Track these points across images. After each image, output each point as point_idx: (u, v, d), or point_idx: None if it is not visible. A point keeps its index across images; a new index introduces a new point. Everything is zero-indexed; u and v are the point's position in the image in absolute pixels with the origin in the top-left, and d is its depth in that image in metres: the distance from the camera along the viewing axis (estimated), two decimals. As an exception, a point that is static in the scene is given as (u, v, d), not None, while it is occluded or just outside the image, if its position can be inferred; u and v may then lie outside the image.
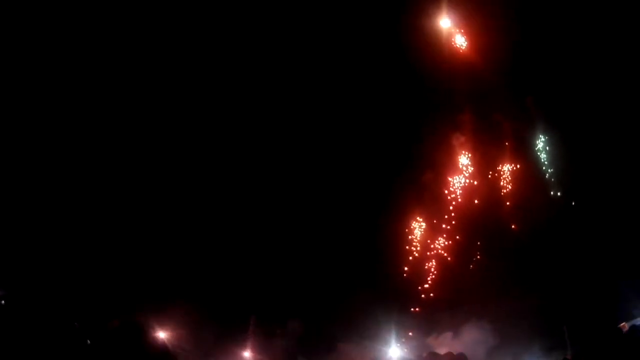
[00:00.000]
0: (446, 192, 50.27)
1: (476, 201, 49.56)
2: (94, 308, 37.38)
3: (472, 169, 50.17)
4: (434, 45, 48.83)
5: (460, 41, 49.05)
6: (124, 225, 43.58)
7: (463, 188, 49.93)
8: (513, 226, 48.48)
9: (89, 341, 33.90)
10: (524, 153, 49.75)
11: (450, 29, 49.51)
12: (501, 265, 46.31)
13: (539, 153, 49.14)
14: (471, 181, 49.97)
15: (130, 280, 41.67)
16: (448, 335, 45.18)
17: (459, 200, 49.80)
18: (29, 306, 33.48)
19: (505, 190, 49.53)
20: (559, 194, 47.86)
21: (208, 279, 45.09)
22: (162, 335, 39.97)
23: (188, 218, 46.33)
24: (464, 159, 50.42)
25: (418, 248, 50.46)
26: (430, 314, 48.13)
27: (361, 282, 46.07)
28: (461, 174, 50.30)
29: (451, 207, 49.73)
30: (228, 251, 46.74)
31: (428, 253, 50.28)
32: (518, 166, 49.72)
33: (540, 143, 49.38)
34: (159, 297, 41.20)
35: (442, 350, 42.95)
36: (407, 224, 50.91)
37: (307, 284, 47.35)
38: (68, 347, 31.92)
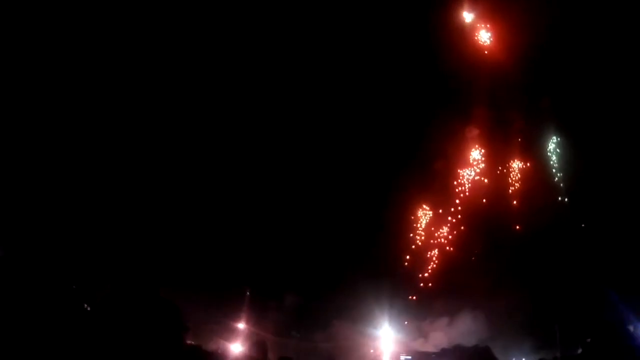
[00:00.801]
0: (455, 183, 50.66)
1: (484, 199, 50.01)
2: (92, 272, 37.59)
3: (482, 164, 50.47)
4: (455, 37, 49.34)
5: (482, 35, 49.26)
6: (123, 194, 43.95)
7: (472, 181, 50.27)
8: (516, 224, 48.96)
9: (87, 306, 34.02)
10: (535, 153, 50.06)
11: (473, 22, 49.78)
12: (500, 259, 46.76)
13: (549, 154, 49.43)
14: (480, 177, 50.30)
15: (128, 247, 42.06)
16: (443, 321, 45.90)
17: (467, 193, 50.16)
18: (25, 267, 33.60)
19: (512, 188, 49.92)
20: (563, 195, 48.27)
21: (204, 250, 45.58)
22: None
23: (187, 190, 46.82)
24: (475, 153, 50.76)
25: (422, 236, 51.02)
26: (426, 301, 48.86)
27: (361, 263, 46.64)
28: (471, 168, 50.64)
29: (458, 200, 50.16)
30: (225, 222, 47.21)
31: (431, 241, 50.86)
32: (528, 165, 50.04)
33: (552, 145, 49.71)
34: (160, 263, 41.93)
35: (435, 336, 43.83)
36: (412, 211, 51.54)
37: (305, 259, 48.01)
38: (64, 311, 31.93)
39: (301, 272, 47.81)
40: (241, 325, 45.30)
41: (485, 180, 50.23)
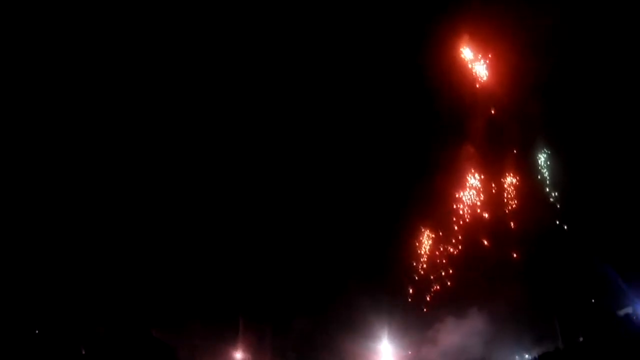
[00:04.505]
0: (454, 207, 51.49)
1: (485, 214, 51.06)
2: (85, 315, 36.61)
3: (479, 185, 51.32)
4: (452, 72, 50.24)
5: (479, 69, 50.62)
6: (110, 228, 42.97)
7: (470, 205, 51.52)
8: (512, 223, 49.80)
9: (83, 351, 33.12)
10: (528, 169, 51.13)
11: (471, 58, 50.87)
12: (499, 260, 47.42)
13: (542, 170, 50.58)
14: (477, 197, 51.45)
15: (120, 284, 41.12)
16: (447, 325, 45.84)
17: (466, 215, 51.26)
18: (23, 312, 32.59)
19: (507, 196, 50.99)
20: (557, 202, 49.16)
21: (197, 278, 44.66)
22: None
23: (176, 217, 45.95)
24: (472, 179, 51.58)
25: (425, 255, 51.98)
26: (430, 311, 49.14)
27: (359, 282, 45.86)
28: (467, 190, 51.56)
29: (454, 219, 51.22)
30: (217, 250, 46.42)
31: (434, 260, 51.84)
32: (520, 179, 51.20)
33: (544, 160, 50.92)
34: (150, 301, 41.21)
35: (442, 339, 43.89)
36: (414, 233, 52.39)
37: (300, 279, 47.58)
38: (61, 355, 31.14)
39: (296, 294, 47.34)
40: (238, 356, 44.65)
41: (481, 198, 51.03)
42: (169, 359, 37.54)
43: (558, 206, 47.37)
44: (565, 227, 46.06)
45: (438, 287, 50.72)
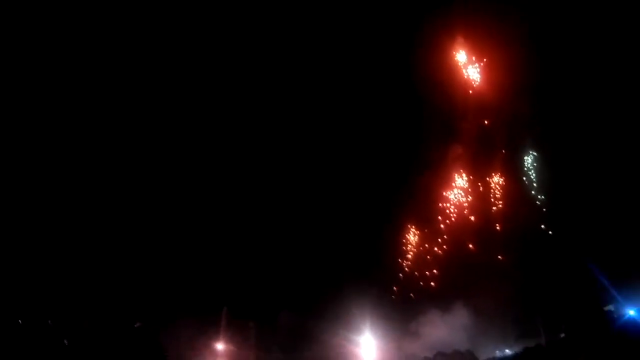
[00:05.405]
0: (441, 205, 52.88)
1: (471, 215, 51.84)
2: (70, 307, 36.22)
3: (466, 185, 52.74)
4: (445, 73, 51.96)
5: (471, 71, 51.34)
6: (96, 223, 43.12)
7: (457, 204, 52.10)
8: (498, 225, 50.54)
9: (66, 341, 32.64)
10: (515, 172, 51.87)
11: (464, 62, 52.15)
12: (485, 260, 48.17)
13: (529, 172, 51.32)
14: (464, 197, 51.91)
15: (105, 278, 40.91)
16: (431, 318, 46.48)
17: (453, 215, 52.05)
18: (6, 304, 32.08)
19: (493, 197, 51.67)
20: (543, 203, 50.02)
21: (183, 273, 44.90)
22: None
23: (162, 212, 46.28)
24: (459, 180, 53.01)
25: (412, 251, 52.38)
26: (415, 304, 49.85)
27: (345, 277, 46.72)
28: (455, 190, 52.89)
29: (441, 218, 52.46)
30: (203, 245, 46.80)
31: (421, 256, 52.49)
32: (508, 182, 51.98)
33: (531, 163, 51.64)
34: (135, 295, 40.99)
35: (426, 333, 44.40)
36: (399, 229, 53.64)
37: (283, 275, 47.97)
38: (44, 346, 30.68)
39: (279, 289, 47.69)
40: (220, 346, 44.50)
41: (469, 198, 51.45)
42: (154, 352, 37.14)
43: (544, 209, 48.38)
44: (550, 228, 46.99)
45: (422, 283, 51.30)
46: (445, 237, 51.30)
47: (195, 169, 47.76)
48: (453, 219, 51.37)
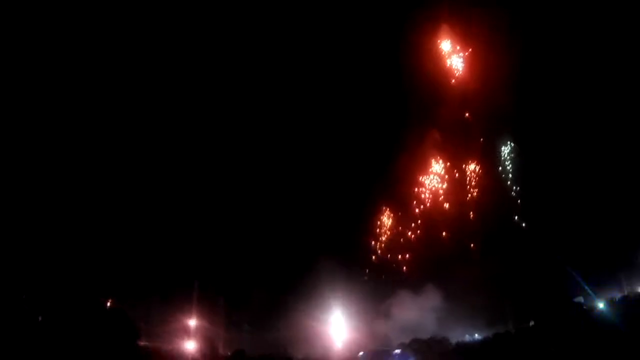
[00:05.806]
0: (416, 190, 53.21)
1: (446, 202, 51.93)
2: (45, 283, 35.49)
3: (442, 172, 53.10)
4: (429, 60, 52.26)
5: (454, 60, 51.40)
6: (68, 201, 42.38)
7: (432, 190, 52.29)
8: (470, 213, 50.87)
9: (40, 317, 31.98)
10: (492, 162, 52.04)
11: (449, 50, 52.41)
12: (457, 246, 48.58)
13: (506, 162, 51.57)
14: (440, 183, 52.07)
15: (77, 255, 40.19)
16: (402, 299, 46.88)
17: (427, 200, 52.16)
18: None
19: (469, 186, 51.93)
20: (517, 194, 50.48)
21: (154, 245, 44.44)
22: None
23: (132, 187, 45.72)
24: (435, 165, 53.35)
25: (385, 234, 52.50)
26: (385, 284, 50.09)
27: (319, 257, 46.38)
28: (431, 175, 53.23)
29: (415, 202, 52.70)
30: (176, 221, 46.39)
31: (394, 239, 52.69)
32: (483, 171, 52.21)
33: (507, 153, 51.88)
34: (107, 271, 40.41)
35: (396, 313, 44.72)
36: (374, 212, 54.07)
37: (254, 253, 47.99)
38: (17, 323, 30.00)
39: (249, 266, 47.58)
40: (193, 322, 44.16)
41: (445, 185, 51.76)
42: (126, 328, 36.66)
43: (518, 200, 48.89)
44: (523, 219, 47.59)
45: (395, 266, 51.67)
46: (419, 222, 51.55)
47: (167, 146, 47.16)
48: (428, 204, 51.56)
